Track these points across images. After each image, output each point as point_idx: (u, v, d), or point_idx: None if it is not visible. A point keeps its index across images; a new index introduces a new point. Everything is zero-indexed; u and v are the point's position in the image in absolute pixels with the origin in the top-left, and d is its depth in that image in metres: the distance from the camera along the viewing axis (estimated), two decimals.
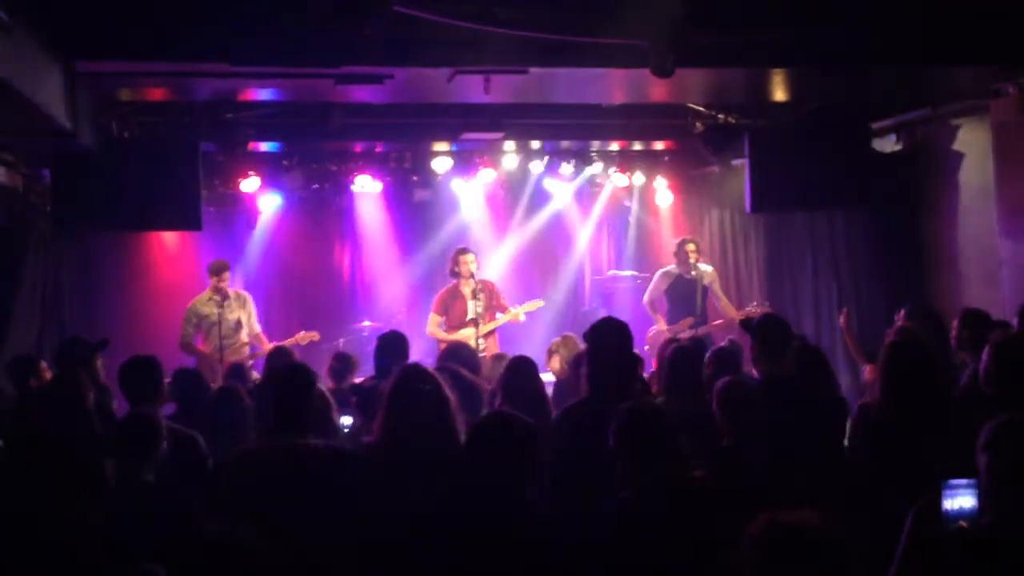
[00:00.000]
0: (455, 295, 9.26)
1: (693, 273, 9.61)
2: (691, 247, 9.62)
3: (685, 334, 8.67)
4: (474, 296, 9.12)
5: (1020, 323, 5.52)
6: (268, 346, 8.75)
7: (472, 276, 9.13)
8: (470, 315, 9.13)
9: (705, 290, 9.64)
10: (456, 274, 9.24)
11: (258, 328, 9.31)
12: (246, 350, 9.13)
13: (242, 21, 5.96)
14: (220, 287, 9.00)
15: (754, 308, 9.39)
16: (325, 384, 5.78)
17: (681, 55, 5.98)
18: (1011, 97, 7.65)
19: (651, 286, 9.88)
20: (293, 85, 7.26)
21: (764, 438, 4.04)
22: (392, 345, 5.92)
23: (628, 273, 11.58)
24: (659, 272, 9.93)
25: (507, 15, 6.02)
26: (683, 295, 9.62)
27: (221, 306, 8.90)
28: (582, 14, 6.12)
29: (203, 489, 4.12)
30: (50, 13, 5.70)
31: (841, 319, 7.75)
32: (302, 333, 9.18)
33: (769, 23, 6.38)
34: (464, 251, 9.30)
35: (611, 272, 11.92)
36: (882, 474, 4.05)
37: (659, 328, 9.48)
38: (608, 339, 4.44)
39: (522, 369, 5.12)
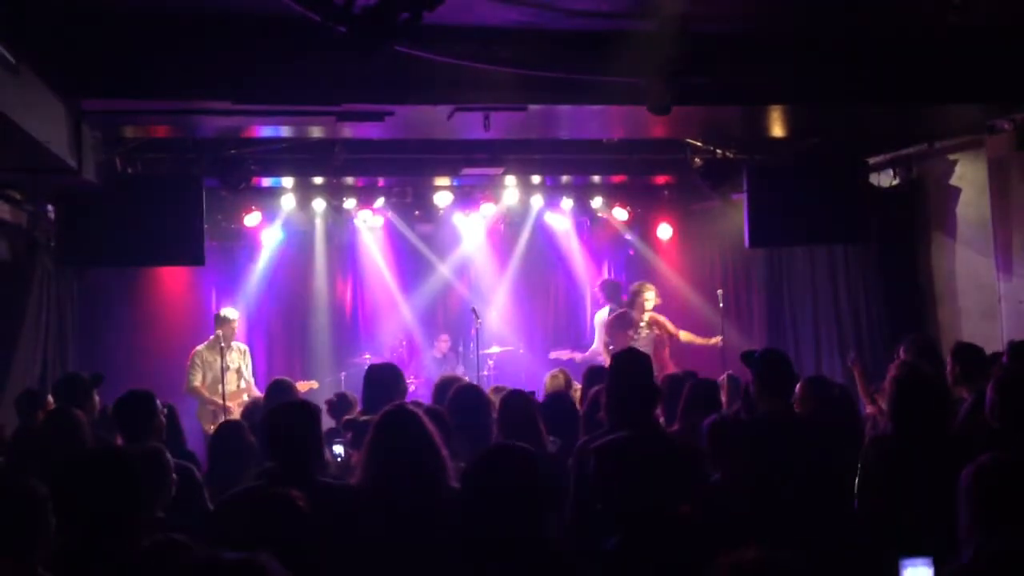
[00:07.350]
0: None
1: (645, 318, 9.53)
2: (649, 295, 9.57)
3: None
4: None
5: (1010, 360, 5.53)
6: (256, 394, 8.88)
7: None
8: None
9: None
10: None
11: (251, 378, 9.54)
12: (244, 396, 9.22)
13: (245, 60, 6.06)
14: (225, 337, 9.19)
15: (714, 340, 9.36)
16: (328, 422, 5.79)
17: (678, 94, 6.05)
18: (1007, 133, 7.72)
19: (599, 335, 9.84)
20: (295, 122, 7.34)
21: (756, 474, 4.04)
22: (379, 377, 5.63)
23: None
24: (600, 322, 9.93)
25: (506, 54, 6.11)
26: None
27: (224, 354, 9.07)
28: (580, 52, 6.19)
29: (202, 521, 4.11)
30: (56, 52, 5.78)
31: (851, 363, 7.70)
32: (301, 382, 9.24)
33: (765, 61, 6.46)
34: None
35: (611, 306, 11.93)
36: (879, 516, 4.04)
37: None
38: (629, 368, 4.46)
39: (516, 403, 5.11)
